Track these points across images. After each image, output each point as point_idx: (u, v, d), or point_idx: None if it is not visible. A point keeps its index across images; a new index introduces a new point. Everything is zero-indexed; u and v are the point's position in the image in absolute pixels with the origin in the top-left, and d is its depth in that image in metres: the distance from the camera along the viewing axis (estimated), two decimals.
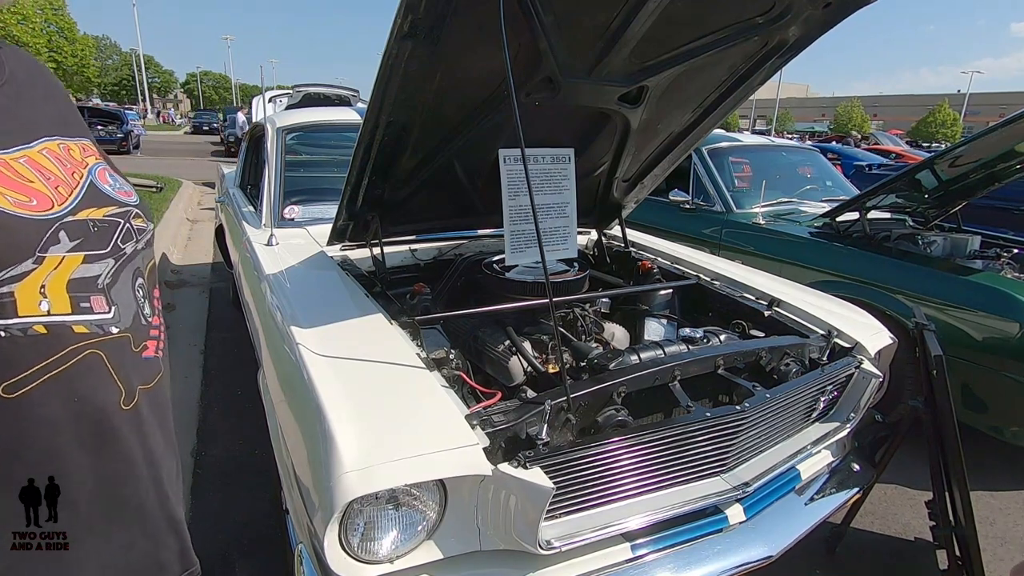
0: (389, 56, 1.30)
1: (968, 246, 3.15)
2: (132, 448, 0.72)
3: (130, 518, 0.73)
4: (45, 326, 0.63)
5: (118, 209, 0.74)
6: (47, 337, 0.63)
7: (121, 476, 0.72)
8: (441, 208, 2.08)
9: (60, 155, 0.72)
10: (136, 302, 0.74)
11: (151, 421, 0.76)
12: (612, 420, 1.31)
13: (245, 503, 2.17)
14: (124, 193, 0.78)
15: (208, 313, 4.24)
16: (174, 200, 7.83)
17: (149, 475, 0.75)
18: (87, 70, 34.56)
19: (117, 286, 0.71)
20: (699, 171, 3.93)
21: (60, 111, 0.78)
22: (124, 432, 0.71)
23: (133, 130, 17.36)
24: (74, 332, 0.66)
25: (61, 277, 0.65)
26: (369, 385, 1.24)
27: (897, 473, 2.40)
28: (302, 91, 4.56)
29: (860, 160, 9.74)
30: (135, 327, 0.73)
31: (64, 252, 0.65)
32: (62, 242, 0.65)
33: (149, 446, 0.75)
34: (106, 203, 0.73)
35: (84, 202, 0.70)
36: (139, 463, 0.73)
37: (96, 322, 0.67)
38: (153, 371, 0.77)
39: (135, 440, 0.73)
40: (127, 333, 0.71)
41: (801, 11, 1.57)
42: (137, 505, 0.74)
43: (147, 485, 0.75)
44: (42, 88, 0.77)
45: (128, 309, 0.72)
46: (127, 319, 0.72)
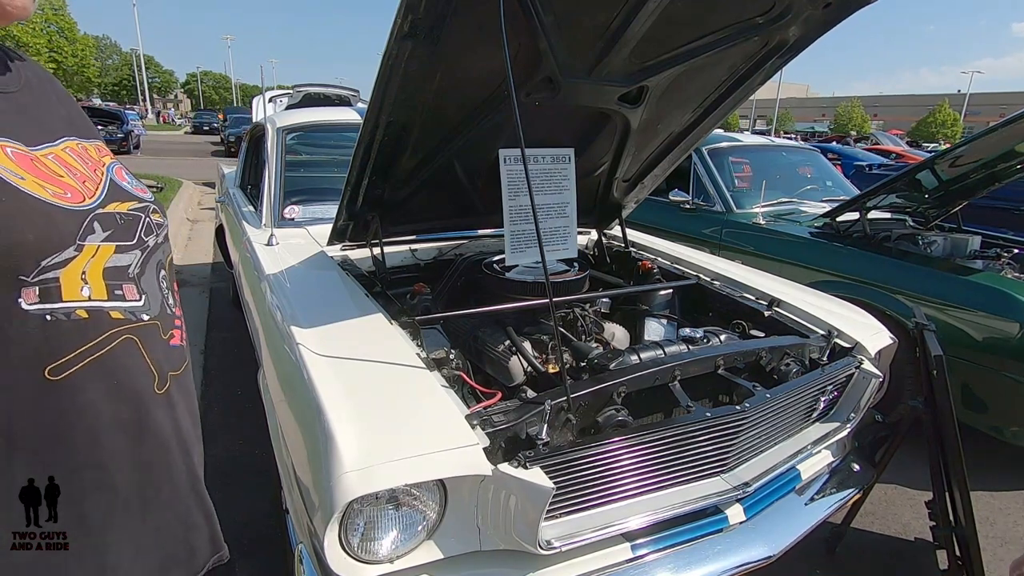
0: (389, 56, 1.30)
1: (968, 246, 3.15)
2: (167, 432, 0.75)
3: (164, 501, 0.76)
4: (87, 310, 0.66)
5: (138, 204, 0.77)
6: (88, 321, 0.66)
7: (157, 460, 0.74)
8: (441, 208, 2.08)
9: (81, 153, 0.75)
10: (161, 292, 0.77)
11: (181, 406, 0.78)
12: (612, 420, 1.31)
13: (245, 503, 2.17)
14: (140, 190, 0.81)
15: (208, 313, 4.24)
16: (174, 200, 7.84)
17: (182, 459, 0.77)
18: (87, 70, 34.59)
19: (145, 276, 0.74)
20: (699, 171, 3.93)
21: (72, 115, 0.81)
22: (159, 416, 0.73)
23: (133, 130, 17.36)
24: (111, 317, 0.68)
25: (98, 265, 0.67)
26: (369, 385, 1.24)
27: (897, 473, 2.40)
28: (302, 91, 4.56)
29: (860, 160, 9.75)
30: (162, 315, 0.76)
31: (99, 241, 0.68)
32: (97, 232, 0.68)
33: (181, 431, 0.77)
34: (128, 198, 0.76)
35: (109, 196, 0.73)
36: (173, 447, 0.76)
37: (129, 309, 0.70)
38: (180, 358, 0.80)
39: (169, 425, 0.75)
40: (156, 321, 0.74)
41: (801, 11, 1.57)
42: (171, 489, 0.76)
43: (180, 469, 0.77)
44: (54, 94, 0.80)
45: (155, 298, 0.75)
46: (155, 307, 0.74)
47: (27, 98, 0.72)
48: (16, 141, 0.66)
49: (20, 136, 0.67)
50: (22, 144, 0.66)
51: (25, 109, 0.71)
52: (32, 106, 0.73)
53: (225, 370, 3.33)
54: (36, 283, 0.62)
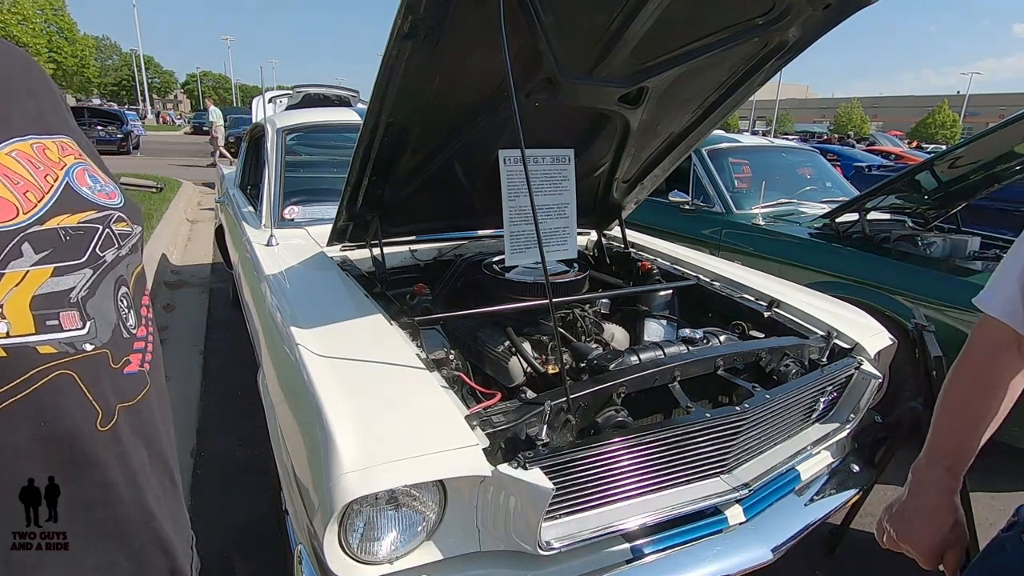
0: (389, 57, 1.30)
1: (968, 247, 3.15)
2: (111, 471, 0.68)
3: (110, 540, 0.70)
4: (4, 349, 0.58)
5: (96, 214, 0.69)
6: (7, 360, 0.59)
7: (98, 500, 0.67)
8: (441, 209, 2.08)
9: (32, 156, 0.67)
10: (118, 314, 0.69)
11: (133, 440, 0.71)
12: (612, 421, 1.31)
13: (245, 503, 2.17)
14: (105, 196, 0.72)
15: (208, 313, 4.23)
16: (174, 200, 7.83)
17: (130, 496, 0.71)
18: (87, 70, 34.62)
19: (95, 298, 0.66)
20: (699, 172, 3.93)
21: (39, 106, 0.73)
22: (101, 455, 0.66)
23: (133, 130, 17.35)
24: (39, 353, 0.61)
25: (24, 294, 0.60)
26: (369, 386, 1.24)
27: (897, 474, 2.39)
28: (302, 91, 4.57)
29: (860, 161, 9.76)
30: (114, 342, 0.68)
31: (28, 266, 0.60)
32: (25, 255, 0.60)
33: (132, 467, 0.71)
34: (83, 207, 0.68)
35: (55, 208, 0.65)
36: (119, 485, 0.69)
37: (66, 340, 0.63)
38: (137, 386, 0.72)
39: (115, 462, 0.68)
40: (104, 349, 0.66)
41: (801, 12, 1.57)
42: (114, 529, 0.70)
43: (127, 507, 0.71)
44: (20, 83, 0.72)
45: (107, 323, 0.67)
46: (105, 334, 0.67)
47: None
48: None
49: None
50: None
51: None
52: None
53: (225, 371, 3.32)
54: None
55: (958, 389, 0.91)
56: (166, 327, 3.76)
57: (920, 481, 0.90)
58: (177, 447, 0.83)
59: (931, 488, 0.89)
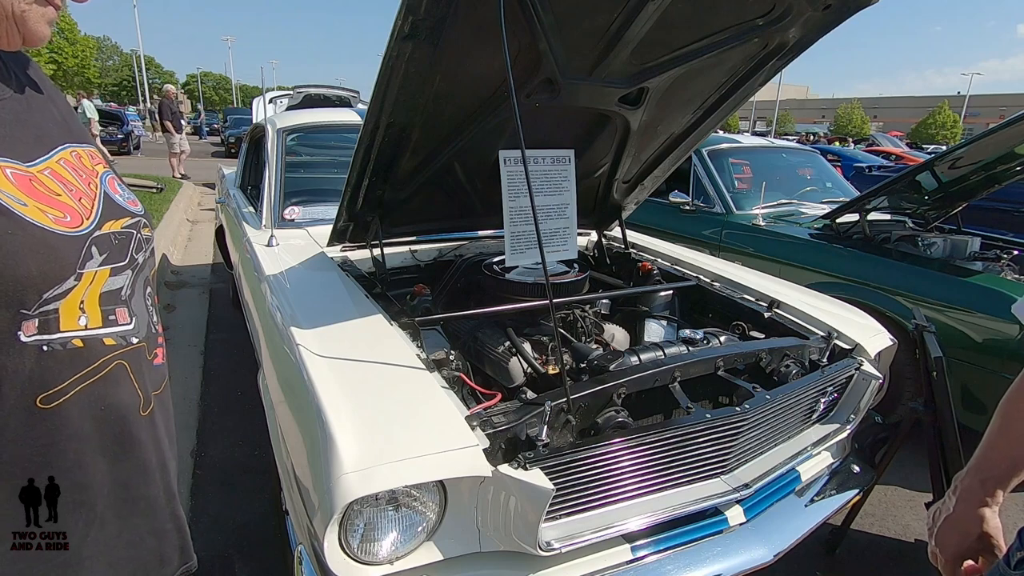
0: (389, 57, 1.30)
1: (968, 248, 3.15)
2: (148, 452, 0.75)
3: (141, 517, 0.76)
4: (82, 340, 0.65)
5: (130, 220, 0.76)
6: (83, 350, 0.66)
7: (137, 479, 0.74)
8: (441, 209, 2.08)
9: (74, 164, 0.72)
10: (147, 311, 0.76)
11: (161, 425, 0.78)
12: (612, 421, 1.31)
13: (245, 504, 2.17)
14: (132, 203, 0.79)
15: (208, 314, 4.23)
16: (174, 201, 7.83)
17: (160, 476, 0.78)
18: (88, 71, 34.62)
19: (135, 297, 0.73)
20: (699, 172, 3.93)
21: (63, 115, 0.77)
22: (142, 437, 0.74)
23: (133, 131, 17.37)
24: (104, 344, 0.68)
25: (95, 292, 0.67)
26: (369, 386, 1.24)
27: (897, 474, 2.40)
28: (302, 92, 4.58)
29: (860, 161, 9.75)
30: (148, 336, 0.75)
31: (96, 267, 0.67)
32: (94, 257, 0.67)
33: (161, 449, 0.78)
34: (121, 214, 0.74)
35: (105, 215, 0.71)
36: (153, 466, 0.76)
37: (121, 333, 0.70)
38: (162, 377, 0.80)
39: (151, 444, 0.75)
40: (143, 343, 0.74)
41: (801, 13, 1.57)
42: (147, 505, 0.76)
43: (158, 485, 0.78)
44: (45, 91, 0.76)
45: (143, 319, 0.74)
46: (143, 329, 0.74)
47: (21, 103, 0.68)
48: (13, 160, 0.63)
49: (15, 151, 0.64)
50: (19, 162, 0.63)
51: (20, 116, 0.67)
52: (27, 111, 0.69)
53: (225, 371, 3.32)
54: (36, 315, 0.61)
55: (1010, 399, 0.90)
56: (167, 327, 3.75)
57: (956, 488, 0.89)
58: (177, 447, 0.88)
59: (961, 496, 0.87)
